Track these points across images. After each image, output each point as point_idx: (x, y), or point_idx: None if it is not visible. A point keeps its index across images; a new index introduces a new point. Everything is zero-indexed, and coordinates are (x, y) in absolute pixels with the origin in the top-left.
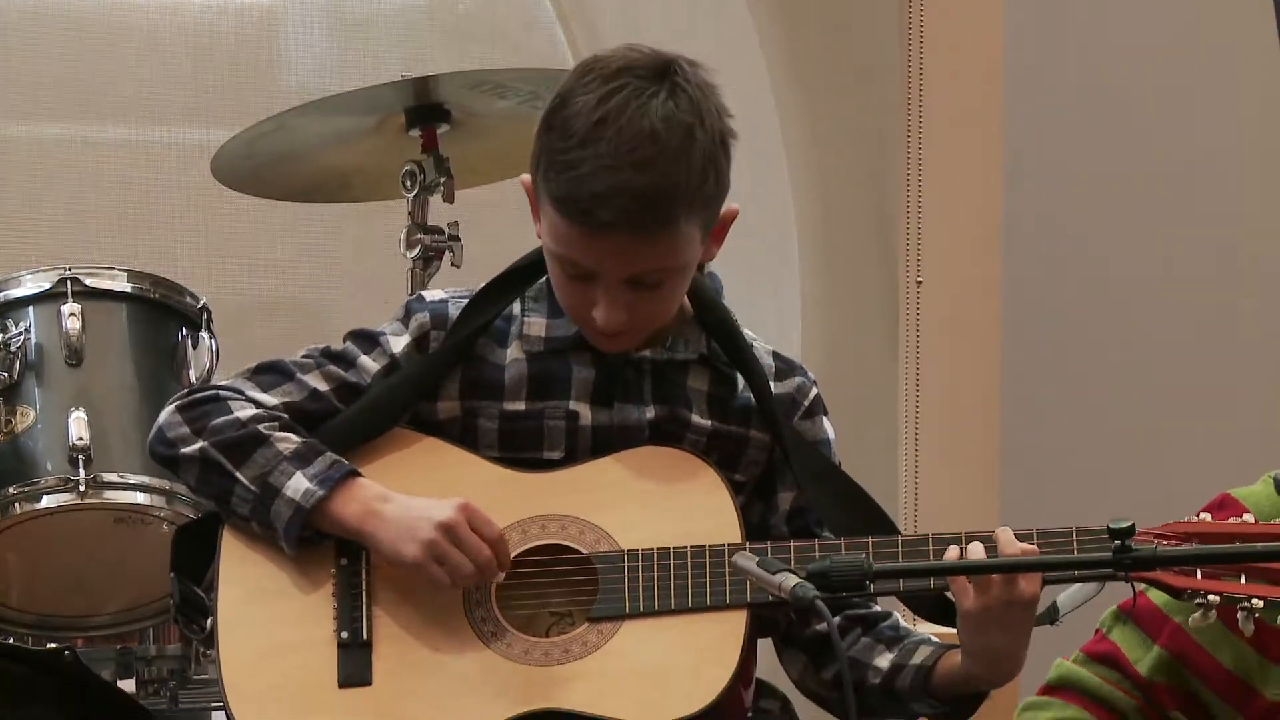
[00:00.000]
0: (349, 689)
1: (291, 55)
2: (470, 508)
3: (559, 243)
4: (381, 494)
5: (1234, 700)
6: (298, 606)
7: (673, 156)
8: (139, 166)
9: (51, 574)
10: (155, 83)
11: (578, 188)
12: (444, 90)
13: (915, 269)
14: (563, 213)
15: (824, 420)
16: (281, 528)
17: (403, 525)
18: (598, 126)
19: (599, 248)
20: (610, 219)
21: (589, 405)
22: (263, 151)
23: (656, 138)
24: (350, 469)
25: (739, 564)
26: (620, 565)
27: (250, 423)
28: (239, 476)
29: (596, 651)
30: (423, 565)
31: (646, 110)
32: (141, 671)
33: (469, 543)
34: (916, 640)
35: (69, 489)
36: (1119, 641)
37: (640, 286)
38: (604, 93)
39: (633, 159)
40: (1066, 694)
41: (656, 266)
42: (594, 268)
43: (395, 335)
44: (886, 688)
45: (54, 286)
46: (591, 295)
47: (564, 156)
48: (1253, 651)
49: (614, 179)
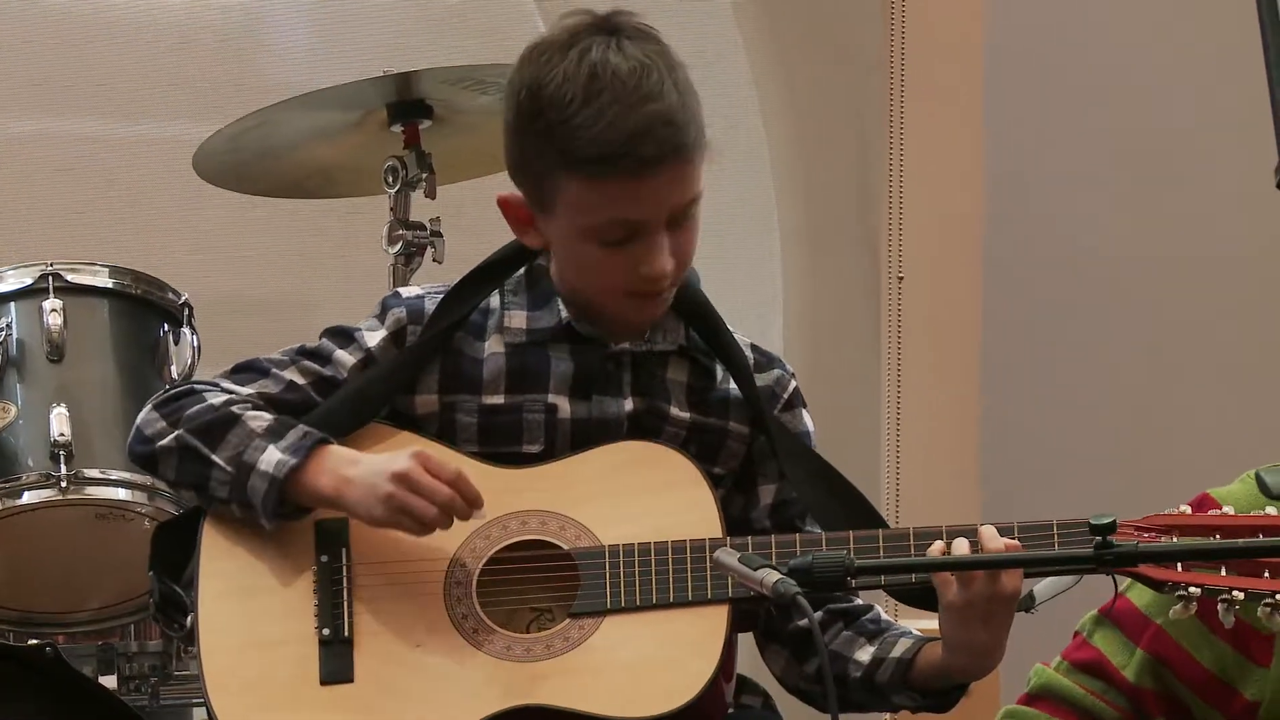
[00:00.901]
0: (330, 685)
1: (274, 51)
2: (424, 454)
3: (598, 211)
4: (349, 457)
5: (1214, 700)
6: (279, 602)
7: (669, 82)
8: (121, 162)
9: (33, 570)
10: (137, 78)
11: (610, 138)
12: (426, 86)
13: (897, 264)
14: (599, 173)
15: (803, 413)
16: (259, 502)
17: (366, 485)
18: (591, 82)
19: (648, 189)
20: (654, 152)
21: (568, 398)
22: (245, 147)
23: (648, 70)
24: (321, 437)
25: (721, 560)
26: (601, 560)
27: (223, 406)
28: (215, 459)
29: (578, 647)
30: (392, 522)
31: (622, 52)
32: (123, 668)
33: (426, 485)
34: (897, 633)
35: (50, 485)
36: (1102, 646)
37: (676, 227)
38: (574, 56)
39: (641, 93)
40: (1049, 704)
41: (692, 194)
42: (644, 216)
43: (371, 330)
44: (867, 680)
45: (36, 282)
46: (635, 256)
47: (573, 122)
48: (1233, 652)
49: (638, 115)
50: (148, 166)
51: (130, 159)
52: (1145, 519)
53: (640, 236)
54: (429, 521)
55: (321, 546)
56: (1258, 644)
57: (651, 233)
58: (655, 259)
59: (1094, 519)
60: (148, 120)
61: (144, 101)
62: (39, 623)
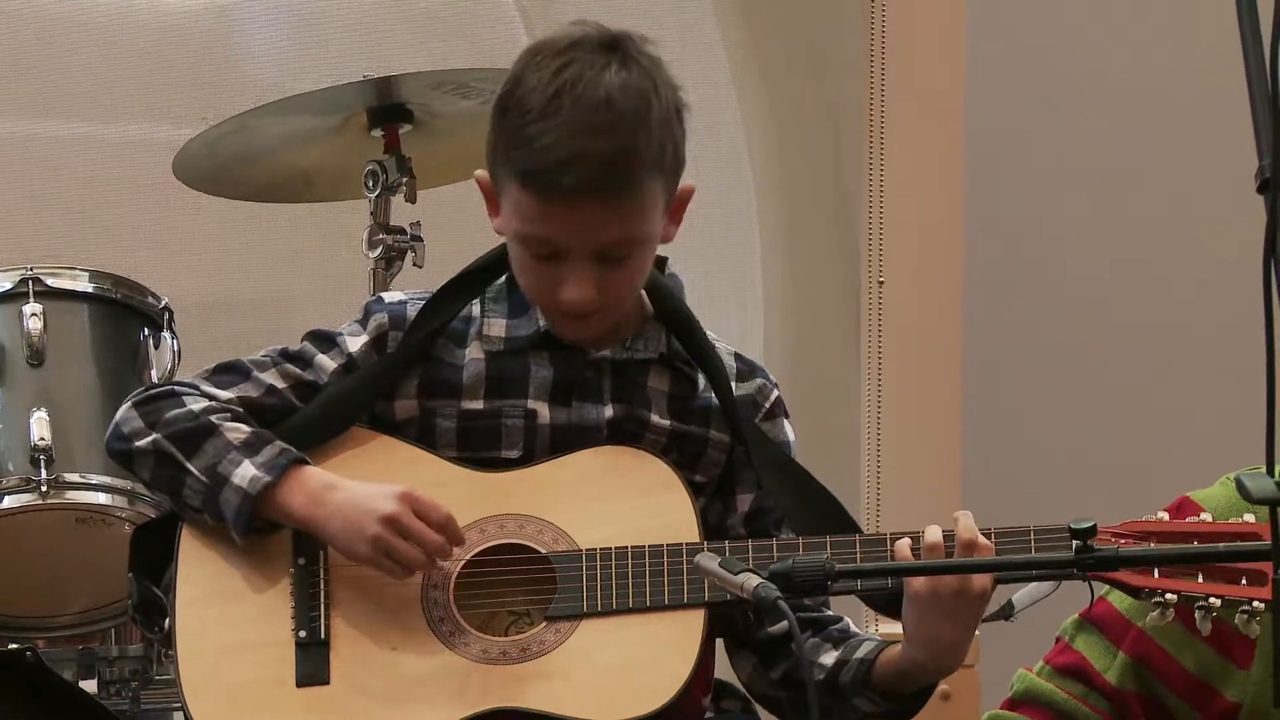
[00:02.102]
0: (307, 688)
1: (253, 54)
2: (412, 496)
3: (526, 221)
4: (328, 482)
5: (1195, 702)
6: (256, 606)
7: (631, 122)
8: (101, 166)
9: (13, 574)
10: (116, 81)
11: (541, 158)
12: (406, 90)
13: (877, 269)
14: (528, 187)
15: (785, 422)
16: (230, 516)
17: (349, 521)
18: (554, 99)
19: (566, 219)
20: (575, 186)
21: (547, 404)
22: (225, 151)
23: (613, 104)
24: (297, 456)
25: (701, 564)
26: (578, 564)
27: (203, 414)
28: (190, 467)
29: (554, 650)
30: (371, 561)
31: (601, 79)
32: (103, 672)
33: (415, 532)
34: (863, 638)
35: (30, 489)
36: (1084, 650)
37: (607, 261)
38: (556, 67)
39: (592, 125)
40: (1032, 709)
41: (623, 236)
42: (563, 242)
43: (353, 335)
44: (830, 683)
45: (15, 286)
46: (559, 275)
47: (524, 131)
48: (1214, 654)
49: (576, 146)
50: (128, 170)
51: (110, 163)
52: (1123, 525)
53: (562, 259)
54: (415, 568)
55: (298, 550)
56: (1239, 647)
57: (574, 259)
58: (572, 286)
59: (1074, 523)
60: (128, 124)
61: (124, 106)
62: (19, 627)
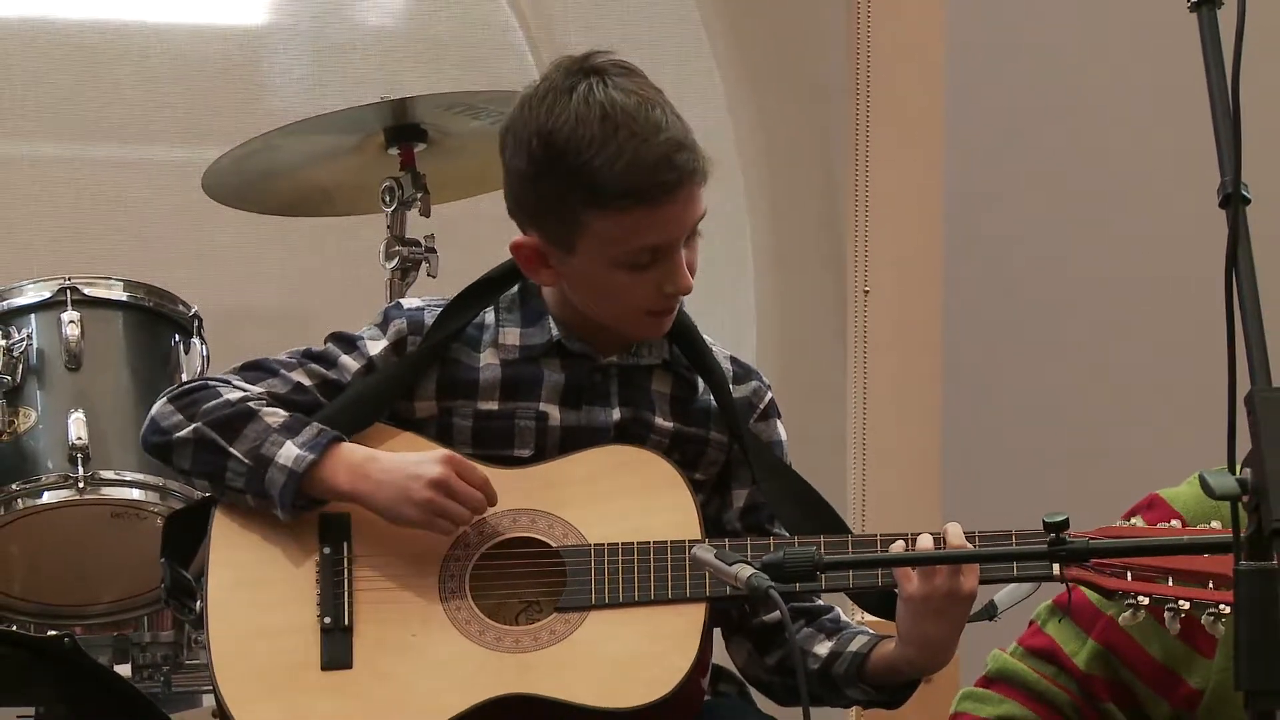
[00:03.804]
0: (331, 671)
1: (277, 79)
2: (454, 458)
3: (627, 241)
4: (368, 454)
5: (1160, 688)
6: (283, 592)
7: (664, 110)
8: (134, 183)
9: (52, 566)
10: (148, 105)
11: (634, 172)
12: (420, 111)
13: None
14: (630, 205)
15: (778, 423)
16: (277, 494)
17: (396, 487)
18: (604, 121)
19: (672, 214)
20: (676, 176)
21: (558, 407)
22: (250, 169)
23: (644, 103)
24: (336, 434)
25: (698, 556)
26: (587, 558)
27: (240, 402)
28: (232, 451)
29: (564, 640)
30: (425, 523)
31: (620, 90)
32: (137, 657)
33: (462, 493)
34: (854, 630)
35: (68, 486)
36: (1055, 635)
37: (689, 243)
38: (579, 98)
39: (650, 125)
40: (1004, 687)
41: (703, 209)
42: (668, 236)
43: (373, 339)
44: (824, 673)
45: (54, 295)
46: (654, 277)
47: (597, 163)
48: (1180, 643)
49: (655, 144)
50: (159, 187)
51: (143, 181)
52: (1097, 530)
53: (662, 258)
54: (462, 524)
55: (324, 539)
56: (1204, 638)
57: (673, 252)
58: (678, 277)
59: (1047, 517)
60: (159, 145)
61: (156, 127)
62: (58, 615)
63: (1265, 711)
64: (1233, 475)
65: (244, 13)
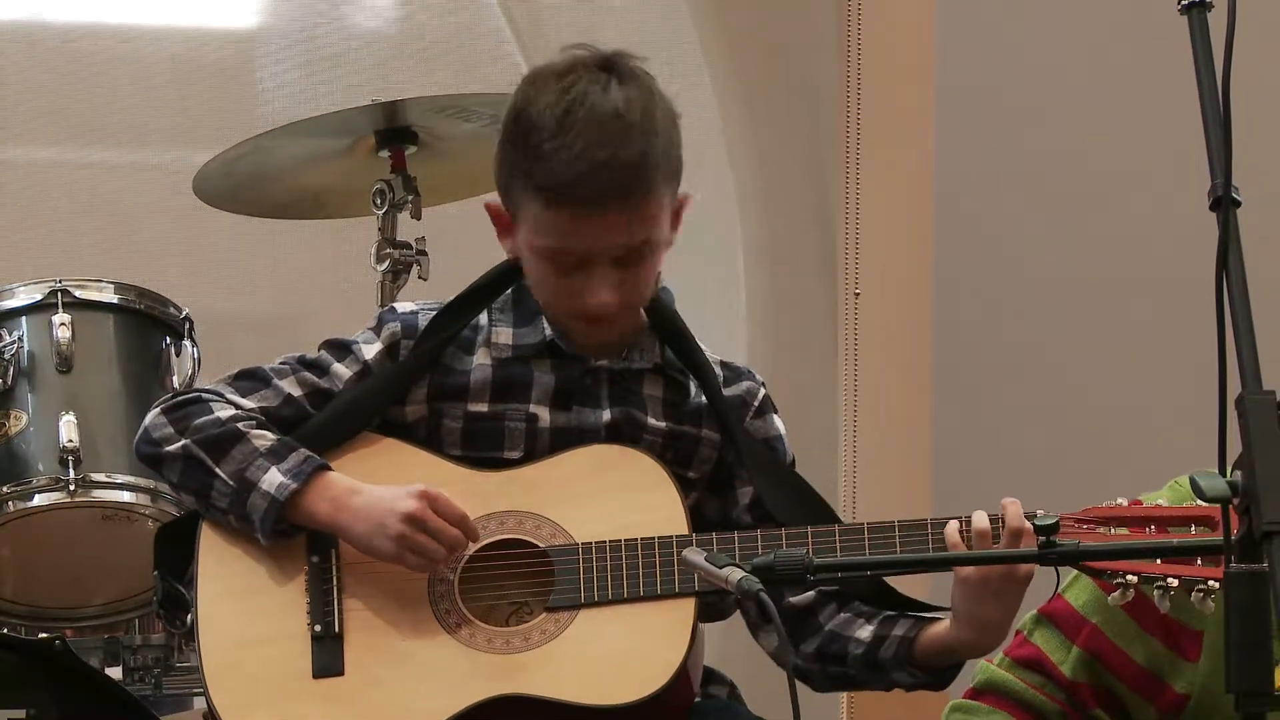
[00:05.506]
0: (322, 679)
1: (268, 82)
2: (430, 493)
3: (548, 236)
4: (350, 487)
5: (1145, 693)
6: (273, 601)
7: (640, 130)
8: (126, 186)
9: (43, 568)
10: (141, 109)
11: (563, 172)
12: (411, 114)
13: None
14: (551, 201)
15: (774, 418)
16: (257, 519)
17: (371, 521)
18: (566, 116)
19: (589, 227)
20: (598, 195)
21: (549, 408)
22: (241, 172)
23: (622, 115)
24: (321, 463)
25: (688, 559)
26: (575, 557)
27: (229, 421)
28: (218, 471)
29: (554, 639)
30: (398, 558)
31: (606, 93)
32: (128, 659)
33: (436, 528)
34: (894, 615)
35: (59, 488)
36: (1041, 644)
37: (627, 265)
38: (562, 87)
39: (607, 136)
40: (994, 698)
41: (641, 238)
42: (586, 250)
43: (368, 344)
44: (869, 657)
45: (45, 298)
46: (582, 284)
47: (542, 149)
48: (1164, 648)
49: (594, 157)
50: (151, 190)
51: (135, 183)
52: (1084, 511)
53: (585, 268)
54: (436, 561)
55: (313, 548)
56: (1188, 640)
57: (595, 266)
58: (596, 292)
59: (1038, 520)
60: (151, 148)
61: (148, 131)
62: (49, 617)
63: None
64: (1223, 478)
65: (236, 17)
